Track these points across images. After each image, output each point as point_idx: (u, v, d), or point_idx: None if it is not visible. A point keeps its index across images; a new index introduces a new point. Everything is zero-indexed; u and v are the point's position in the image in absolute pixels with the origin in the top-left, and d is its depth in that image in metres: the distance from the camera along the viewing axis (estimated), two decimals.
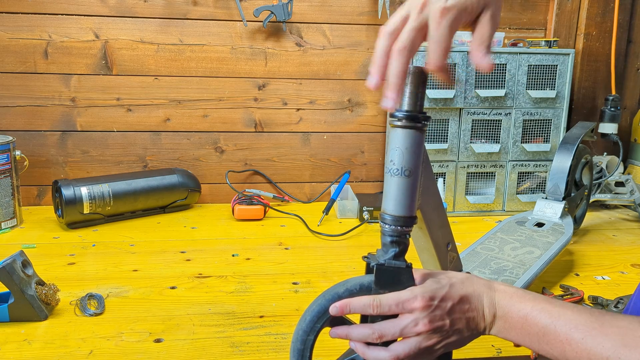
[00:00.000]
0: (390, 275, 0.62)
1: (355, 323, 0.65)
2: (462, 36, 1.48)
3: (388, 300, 0.60)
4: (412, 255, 0.68)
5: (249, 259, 1.21)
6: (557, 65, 1.51)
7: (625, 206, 1.65)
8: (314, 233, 1.38)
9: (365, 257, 0.66)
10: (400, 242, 0.63)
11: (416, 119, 0.60)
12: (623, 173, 1.65)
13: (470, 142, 1.53)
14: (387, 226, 0.63)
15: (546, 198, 1.25)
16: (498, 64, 1.49)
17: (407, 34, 0.57)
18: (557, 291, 1.04)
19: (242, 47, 1.59)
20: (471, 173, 1.55)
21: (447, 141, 1.51)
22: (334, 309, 0.61)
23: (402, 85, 0.58)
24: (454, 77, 1.46)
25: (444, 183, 1.54)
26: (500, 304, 0.61)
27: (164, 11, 1.54)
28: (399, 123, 0.61)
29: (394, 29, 0.58)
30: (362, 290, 0.63)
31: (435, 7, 0.55)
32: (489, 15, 0.57)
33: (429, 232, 0.74)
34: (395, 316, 0.60)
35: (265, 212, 1.50)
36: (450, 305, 0.60)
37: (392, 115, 0.61)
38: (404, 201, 0.61)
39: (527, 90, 1.51)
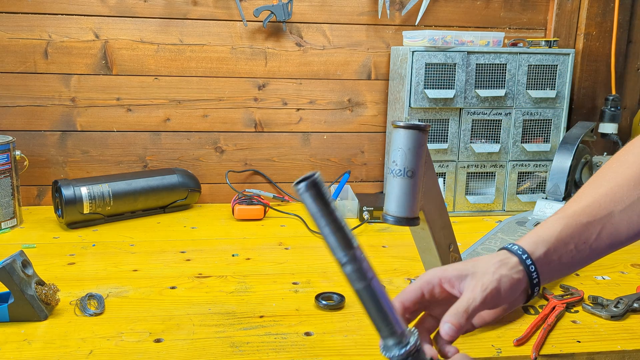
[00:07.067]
0: None
1: None
2: (463, 36, 1.48)
3: None
4: (413, 255, 0.68)
5: (249, 259, 1.21)
6: (557, 65, 1.51)
7: None
8: (314, 233, 1.38)
9: None
10: None
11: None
12: None
13: (470, 142, 1.53)
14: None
15: (546, 198, 1.25)
16: (498, 64, 1.49)
17: None
18: (557, 291, 1.04)
19: (242, 47, 1.59)
20: (471, 173, 1.55)
21: (447, 141, 1.51)
22: None
23: None
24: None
25: (444, 183, 1.54)
26: None
27: (164, 11, 1.54)
28: (401, 124, 0.61)
29: None
30: None
31: None
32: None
33: (432, 232, 0.74)
34: None
35: (265, 212, 1.50)
36: None
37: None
38: (406, 202, 0.62)
39: (527, 90, 1.51)
